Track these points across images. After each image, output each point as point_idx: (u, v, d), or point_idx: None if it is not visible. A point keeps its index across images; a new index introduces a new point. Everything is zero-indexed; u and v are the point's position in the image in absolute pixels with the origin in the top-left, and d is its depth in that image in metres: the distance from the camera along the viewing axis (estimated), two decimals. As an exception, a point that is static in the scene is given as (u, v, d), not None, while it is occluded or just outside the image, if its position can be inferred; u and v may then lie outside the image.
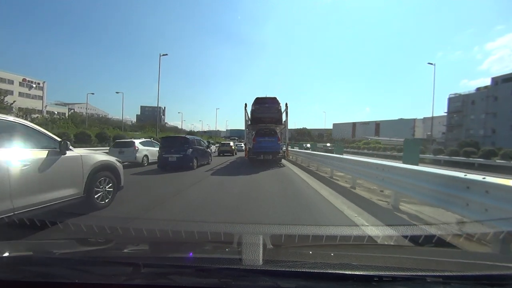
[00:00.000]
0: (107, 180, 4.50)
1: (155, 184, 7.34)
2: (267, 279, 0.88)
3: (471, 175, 2.92)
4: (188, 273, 0.94)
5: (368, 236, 2.91)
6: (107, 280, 0.92)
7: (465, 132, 44.74)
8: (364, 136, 64.62)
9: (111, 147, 13.16)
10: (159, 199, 5.14)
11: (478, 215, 2.61)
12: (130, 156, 12.14)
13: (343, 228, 3.54)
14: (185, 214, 4.20)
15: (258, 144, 13.42)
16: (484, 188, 2.59)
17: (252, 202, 4.99)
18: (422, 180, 3.61)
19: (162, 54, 28.12)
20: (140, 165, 12.27)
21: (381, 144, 40.18)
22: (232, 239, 2.02)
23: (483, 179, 2.64)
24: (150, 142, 14.56)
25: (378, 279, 0.87)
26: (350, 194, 5.61)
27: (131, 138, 17.87)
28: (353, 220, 3.85)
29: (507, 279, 0.90)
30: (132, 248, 1.50)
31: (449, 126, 49.26)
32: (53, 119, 33.76)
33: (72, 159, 3.84)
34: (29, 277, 0.94)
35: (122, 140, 14.17)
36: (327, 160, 9.17)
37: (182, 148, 10.87)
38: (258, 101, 14.56)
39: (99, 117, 62.80)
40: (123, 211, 4.26)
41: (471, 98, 45.83)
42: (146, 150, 13.00)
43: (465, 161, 21.60)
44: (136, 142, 12.79)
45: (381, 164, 5.12)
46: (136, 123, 70.63)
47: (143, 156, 12.65)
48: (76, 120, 41.36)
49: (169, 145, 11.08)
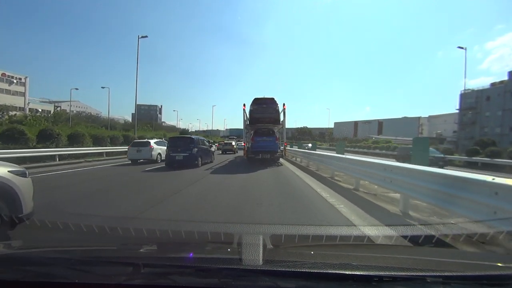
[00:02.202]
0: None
1: (160, 181, 7.73)
2: (267, 279, 0.89)
3: (500, 179, 2.58)
4: (188, 273, 0.94)
5: (368, 236, 2.91)
6: (107, 280, 0.92)
7: (479, 130, 41.62)
8: (368, 135, 63.21)
9: (130, 147, 14.64)
10: (160, 197, 5.21)
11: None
12: (147, 154, 13.93)
13: (343, 228, 3.54)
14: (187, 208, 4.53)
15: (257, 143, 13.73)
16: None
17: (250, 197, 5.01)
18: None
19: (140, 36, 24.94)
20: (155, 162, 13.94)
21: (392, 143, 36.88)
22: (232, 239, 2.02)
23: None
24: (163, 142, 16.15)
25: (378, 279, 0.87)
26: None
27: (119, 137, 21.04)
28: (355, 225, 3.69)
29: (507, 279, 0.90)
30: (132, 248, 1.51)
31: (462, 124, 45.25)
32: (23, 117, 30.35)
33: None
34: (29, 277, 0.95)
35: (139, 140, 15.98)
36: (329, 160, 8.61)
37: (188, 148, 11.58)
38: (256, 102, 14.83)
39: (88, 115, 59.71)
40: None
41: (486, 93, 42.15)
42: (160, 149, 14.54)
43: (487, 162, 18.74)
44: (151, 142, 14.58)
45: (386, 165, 4.69)
46: (130, 122, 67.66)
47: (157, 154, 14.34)
48: (61, 118, 38.28)
49: (176, 145, 11.87)
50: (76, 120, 43.08)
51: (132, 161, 14.03)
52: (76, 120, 42.56)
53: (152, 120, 70.94)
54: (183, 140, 12.52)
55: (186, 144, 11.79)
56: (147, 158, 13.91)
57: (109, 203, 4.98)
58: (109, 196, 5.72)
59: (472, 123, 43.64)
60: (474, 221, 2.74)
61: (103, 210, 4.41)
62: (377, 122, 78.59)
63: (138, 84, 24.30)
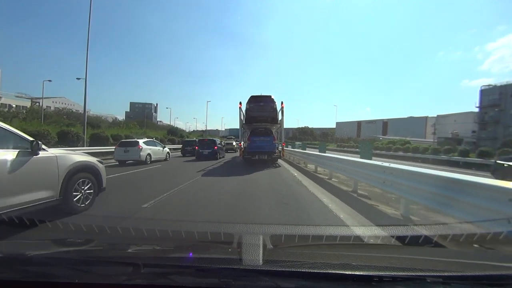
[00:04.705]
0: (87, 181, 4.30)
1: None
2: (267, 279, 0.89)
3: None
4: (188, 273, 0.95)
5: (368, 236, 2.91)
6: (107, 280, 0.92)
7: (503, 130, 36.88)
8: (373, 136, 60.69)
9: (116, 147, 13.91)
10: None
11: None
12: (135, 155, 13.07)
13: (342, 228, 3.53)
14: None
15: (253, 143, 13.07)
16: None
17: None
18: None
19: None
20: (144, 163, 12.99)
21: (411, 144, 31.94)
22: (232, 239, 2.02)
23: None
24: (153, 142, 15.54)
25: (378, 279, 0.87)
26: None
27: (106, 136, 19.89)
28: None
29: (507, 279, 0.90)
30: (132, 248, 1.50)
31: (482, 123, 40.30)
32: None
33: (45, 160, 3.66)
34: (29, 277, 0.95)
35: (127, 140, 15.06)
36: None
37: (210, 146, 17.07)
38: (253, 100, 14.03)
39: (70, 112, 52.13)
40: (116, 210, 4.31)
41: (511, 89, 36.66)
42: (149, 149, 13.82)
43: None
44: (140, 142, 13.73)
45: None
46: (124, 120, 62.86)
47: (146, 155, 13.50)
48: (37, 115, 34.71)
49: (203, 144, 17.34)
50: (55, 117, 38.53)
51: (119, 162, 13.17)
52: (54, 117, 38.07)
53: (146, 119, 64.81)
54: (207, 141, 18.06)
55: (210, 144, 17.34)
56: (135, 159, 13.08)
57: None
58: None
59: (494, 121, 38.53)
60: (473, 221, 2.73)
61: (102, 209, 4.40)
62: (381, 122, 76.42)
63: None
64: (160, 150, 15.31)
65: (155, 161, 14.02)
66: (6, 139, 3.32)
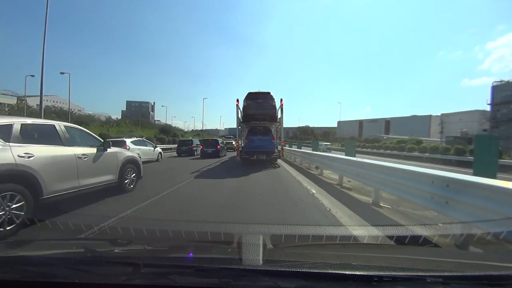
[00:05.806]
0: (132, 170, 5.92)
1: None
2: (267, 279, 0.88)
3: None
4: (188, 273, 0.94)
5: (368, 236, 2.91)
6: (107, 280, 0.92)
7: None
8: (375, 135, 59.42)
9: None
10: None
11: None
12: None
13: (343, 228, 3.53)
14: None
15: (251, 143, 12.31)
16: None
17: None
18: None
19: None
20: None
21: (423, 143, 27.48)
22: (232, 239, 2.02)
23: None
24: (142, 141, 15.06)
25: (378, 279, 0.87)
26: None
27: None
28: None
29: (507, 279, 0.90)
30: (132, 248, 1.50)
31: (494, 121, 37.09)
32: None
33: (111, 154, 5.26)
34: (29, 277, 0.94)
35: (114, 139, 14.25)
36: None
37: (214, 146, 18.90)
38: (250, 96, 13.16)
39: (59, 110, 49.65)
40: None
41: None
42: (138, 149, 12.94)
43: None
44: (128, 141, 13.22)
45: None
46: (118, 119, 60.62)
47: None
48: (22, 113, 32.70)
49: (207, 144, 19.25)
50: (44, 116, 37.77)
51: None
52: (44, 116, 37.69)
53: (142, 118, 63.64)
54: (211, 141, 20.05)
55: (213, 143, 19.26)
56: None
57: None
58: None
59: (508, 120, 35.43)
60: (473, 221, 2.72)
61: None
62: (384, 121, 74.21)
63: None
64: (151, 150, 14.69)
65: (145, 162, 12.90)
66: (89, 140, 4.90)
